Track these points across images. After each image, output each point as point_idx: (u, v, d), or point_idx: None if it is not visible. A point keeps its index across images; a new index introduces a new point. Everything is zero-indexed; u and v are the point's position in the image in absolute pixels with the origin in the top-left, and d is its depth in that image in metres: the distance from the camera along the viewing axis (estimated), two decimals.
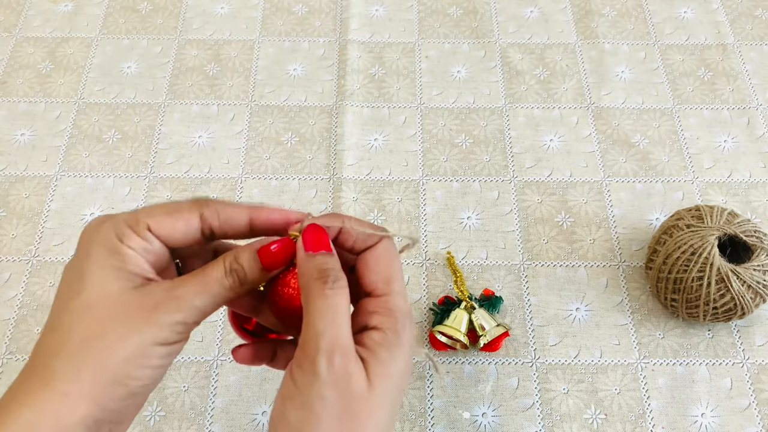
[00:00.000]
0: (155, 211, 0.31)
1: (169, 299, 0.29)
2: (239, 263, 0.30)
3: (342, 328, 0.28)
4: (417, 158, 0.65)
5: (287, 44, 0.73)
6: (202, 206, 0.31)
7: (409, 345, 0.30)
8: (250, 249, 0.31)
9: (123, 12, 0.76)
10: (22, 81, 0.70)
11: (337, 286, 0.29)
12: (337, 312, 0.28)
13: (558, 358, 0.54)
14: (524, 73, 0.71)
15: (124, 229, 0.30)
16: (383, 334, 0.29)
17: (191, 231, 0.31)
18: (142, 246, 0.30)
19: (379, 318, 0.30)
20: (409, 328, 0.30)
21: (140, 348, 0.28)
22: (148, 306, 0.29)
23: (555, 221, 0.61)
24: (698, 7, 0.77)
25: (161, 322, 0.28)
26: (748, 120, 0.68)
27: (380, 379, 0.28)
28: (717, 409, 0.52)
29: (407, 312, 0.31)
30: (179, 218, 0.31)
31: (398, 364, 0.29)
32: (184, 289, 0.29)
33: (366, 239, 0.32)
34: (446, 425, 0.51)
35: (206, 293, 0.30)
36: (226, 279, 0.30)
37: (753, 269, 0.51)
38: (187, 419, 0.51)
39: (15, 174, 0.64)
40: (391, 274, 0.31)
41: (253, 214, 0.32)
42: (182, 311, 0.29)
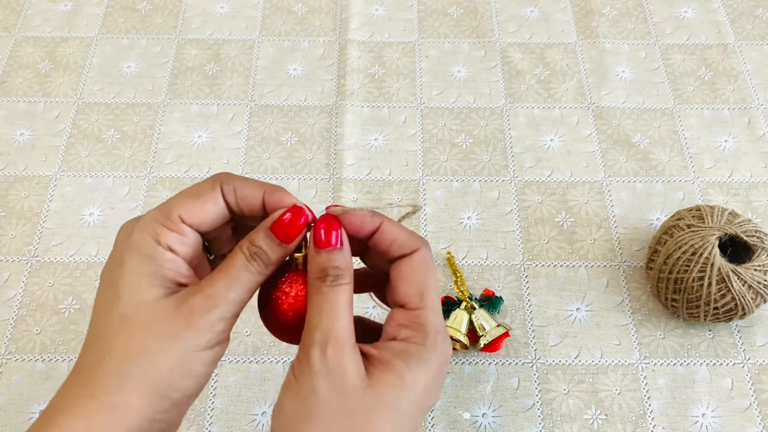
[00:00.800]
0: (181, 199, 0.30)
1: (203, 300, 0.29)
2: (257, 246, 0.30)
3: (337, 321, 0.28)
4: (417, 158, 0.65)
5: (287, 44, 0.73)
6: (222, 181, 0.31)
7: (439, 364, 0.29)
8: (263, 228, 0.30)
9: (122, 11, 0.76)
10: (22, 81, 0.70)
11: (337, 283, 0.29)
12: (333, 306, 0.29)
13: (558, 359, 0.54)
14: (524, 72, 0.71)
15: (158, 228, 0.29)
16: (406, 345, 0.29)
17: (220, 211, 0.31)
18: (179, 241, 0.30)
19: (407, 332, 0.29)
20: (441, 346, 0.29)
21: (184, 357, 0.28)
22: (184, 311, 0.28)
23: (555, 221, 0.61)
24: (699, 7, 0.76)
25: (200, 325, 0.28)
26: (749, 120, 0.68)
27: (384, 385, 0.27)
28: (718, 409, 0.52)
29: (440, 329, 0.30)
30: (207, 200, 0.30)
31: (415, 377, 0.28)
32: (214, 287, 0.29)
33: (404, 245, 0.31)
34: (446, 425, 0.51)
35: (237, 284, 0.29)
36: (250, 265, 0.30)
37: (754, 269, 0.51)
38: (186, 420, 0.51)
39: (14, 174, 0.64)
40: (426, 287, 0.30)
41: (267, 196, 0.31)
42: (218, 307, 0.29)
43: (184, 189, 0.31)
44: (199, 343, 0.28)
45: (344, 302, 0.29)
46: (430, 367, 0.28)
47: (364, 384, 0.27)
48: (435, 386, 0.29)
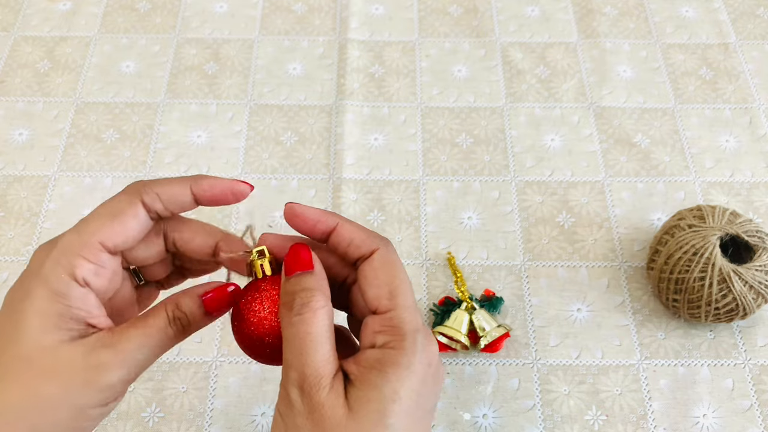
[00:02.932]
0: (97, 222, 0.28)
1: (111, 356, 0.27)
2: (182, 311, 0.29)
3: (309, 357, 0.26)
4: (417, 158, 0.65)
5: (286, 43, 0.73)
6: (140, 193, 0.29)
7: (423, 363, 0.27)
8: (192, 294, 0.29)
9: (121, 11, 0.75)
10: (20, 80, 0.70)
11: (305, 310, 0.27)
12: (303, 340, 0.27)
13: (559, 359, 0.54)
14: (525, 72, 0.71)
15: (75, 260, 0.27)
16: (381, 353, 0.27)
17: (143, 224, 0.29)
18: (95, 272, 0.28)
19: (383, 337, 0.28)
20: (422, 345, 0.27)
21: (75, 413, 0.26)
22: (89, 366, 0.27)
23: (556, 221, 0.61)
24: (700, 6, 0.76)
25: (102, 384, 0.27)
26: (750, 119, 0.68)
27: (363, 404, 0.26)
28: (719, 410, 0.52)
29: (418, 327, 0.28)
30: (126, 219, 0.29)
31: (394, 387, 0.26)
32: (126, 343, 0.27)
33: (361, 245, 0.29)
34: (447, 426, 0.51)
35: (149, 345, 0.28)
36: (170, 328, 0.29)
37: (755, 269, 0.51)
38: (186, 420, 0.51)
39: (13, 174, 0.63)
40: (394, 286, 0.28)
41: (195, 188, 0.30)
42: (125, 368, 0.27)
43: (97, 209, 0.29)
44: (96, 400, 0.27)
45: (316, 332, 0.27)
46: (412, 370, 0.27)
47: (345, 412, 0.26)
48: (426, 388, 0.27)
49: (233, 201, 0.31)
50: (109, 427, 0.50)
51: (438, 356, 0.28)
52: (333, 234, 0.30)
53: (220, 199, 0.31)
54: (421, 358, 0.27)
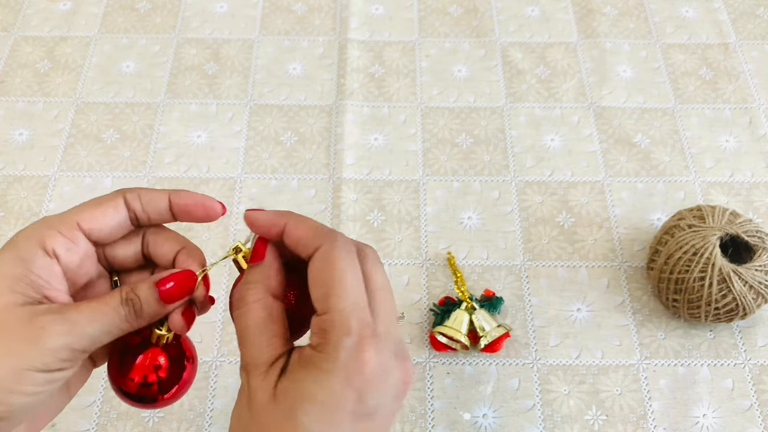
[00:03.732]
0: (82, 206, 0.30)
1: (57, 321, 0.27)
2: (136, 294, 0.30)
3: (245, 347, 0.29)
4: (417, 158, 0.65)
5: (286, 43, 0.73)
6: (123, 192, 0.31)
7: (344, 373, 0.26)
8: (149, 281, 0.30)
9: (121, 11, 0.75)
10: (20, 80, 0.70)
11: (240, 305, 0.29)
12: (240, 333, 0.29)
13: (559, 359, 0.54)
14: (525, 72, 0.71)
15: (49, 232, 0.29)
16: (311, 353, 0.27)
17: (121, 219, 0.31)
18: (65, 246, 0.29)
19: (315, 339, 0.28)
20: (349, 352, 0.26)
21: (12, 372, 0.26)
22: (32, 327, 0.27)
23: (556, 221, 0.61)
24: (699, 6, 0.76)
25: (44, 347, 0.27)
26: (750, 119, 0.68)
27: (283, 395, 0.27)
28: (719, 410, 0.52)
29: (349, 332, 0.27)
30: (107, 207, 0.30)
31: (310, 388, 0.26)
32: (76, 313, 0.28)
33: (307, 244, 0.29)
34: (446, 426, 0.51)
35: (100, 320, 0.28)
36: (121, 308, 0.29)
37: (755, 269, 0.51)
38: (185, 420, 0.51)
39: (13, 174, 0.63)
40: (330, 287, 0.27)
41: (173, 197, 0.31)
42: (70, 336, 0.27)
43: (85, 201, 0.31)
44: (35, 364, 0.27)
45: (250, 325, 0.29)
46: (332, 376, 0.26)
47: (269, 397, 0.27)
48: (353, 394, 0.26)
49: (204, 217, 0.32)
50: (109, 427, 0.50)
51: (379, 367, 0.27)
52: (284, 234, 0.30)
53: (192, 210, 0.32)
54: (345, 367, 0.26)
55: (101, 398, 0.52)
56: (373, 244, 0.59)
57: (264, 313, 0.29)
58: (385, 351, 0.28)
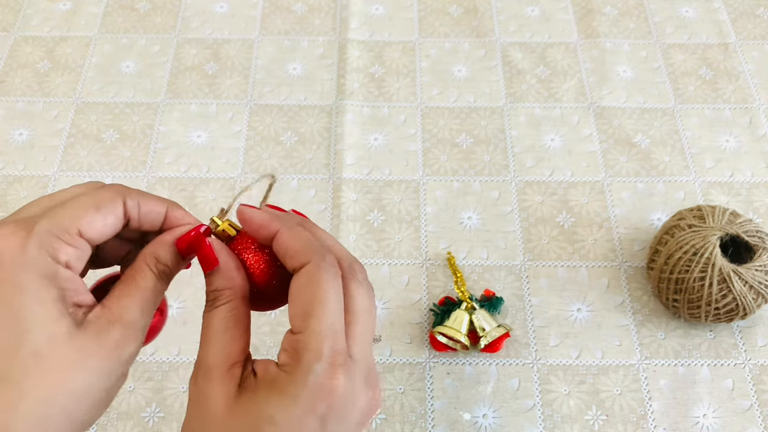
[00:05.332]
0: (80, 210, 0.27)
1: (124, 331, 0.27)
2: (163, 263, 0.29)
3: (208, 347, 0.28)
4: (417, 158, 0.65)
5: (286, 43, 0.73)
6: (123, 195, 0.29)
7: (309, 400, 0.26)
8: (164, 244, 0.29)
9: (121, 11, 0.75)
10: (20, 80, 0.70)
11: (208, 307, 0.29)
12: (205, 332, 0.28)
13: (559, 359, 0.54)
14: (525, 72, 0.71)
15: (56, 243, 0.26)
16: (278, 373, 0.27)
17: (118, 224, 0.29)
18: (75, 256, 0.27)
19: (284, 356, 0.27)
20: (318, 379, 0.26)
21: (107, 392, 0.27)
22: (109, 346, 0.26)
23: (556, 221, 0.61)
24: (699, 6, 0.76)
25: (124, 359, 0.27)
26: (750, 119, 0.68)
27: (242, 413, 0.26)
28: (719, 410, 0.52)
29: (320, 357, 0.26)
30: (107, 213, 0.28)
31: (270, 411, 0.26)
32: (128, 313, 0.27)
33: (295, 257, 0.28)
34: (447, 426, 0.51)
35: (147, 307, 0.28)
36: (159, 284, 0.29)
37: (755, 269, 0.51)
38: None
39: (13, 174, 0.63)
40: (311, 307, 0.27)
41: (170, 213, 0.30)
42: (136, 337, 0.27)
43: (78, 197, 0.28)
44: (122, 374, 0.27)
45: (215, 326, 0.28)
46: (296, 402, 0.26)
47: (225, 409, 0.26)
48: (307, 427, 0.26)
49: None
50: (109, 427, 0.50)
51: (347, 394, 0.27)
52: (273, 241, 0.29)
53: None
54: (311, 393, 0.26)
55: None
56: (373, 244, 0.59)
57: (229, 315, 0.28)
58: (356, 378, 0.27)
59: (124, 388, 0.52)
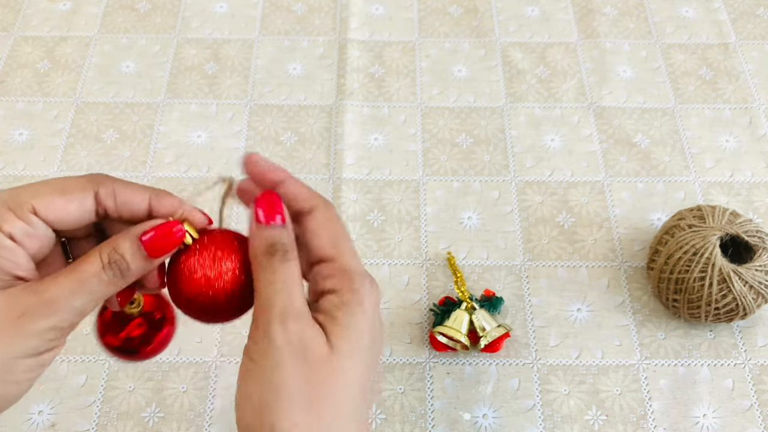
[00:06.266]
0: (43, 189, 0.27)
1: (39, 304, 0.26)
2: (119, 253, 0.27)
3: (294, 295, 0.27)
4: (417, 158, 0.65)
5: (286, 43, 0.73)
6: (96, 184, 0.28)
7: (372, 304, 0.28)
8: (131, 236, 0.28)
9: (121, 11, 0.75)
10: (20, 80, 0.70)
11: (287, 258, 0.28)
12: (287, 281, 0.28)
13: (559, 359, 0.54)
14: (525, 72, 0.71)
15: (3, 212, 0.26)
16: (340, 295, 0.28)
17: (85, 213, 0.28)
18: (24, 231, 0.26)
19: (333, 281, 0.28)
20: (369, 287, 0.29)
21: (4, 364, 0.25)
22: (12, 313, 0.25)
23: (556, 221, 0.61)
24: (699, 6, 0.76)
25: (28, 331, 0.25)
26: (750, 119, 0.68)
27: (342, 341, 0.27)
28: (719, 410, 0.52)
29: (362, 271, 0.29)
30: (71, 199, 0.27)
31: (359, 323, 0.28)
32: (56, 289, 0.26)
33: (303, 201, 0.30)
34: (447, 426, 0.51)
35: (83, 291, 0.26)
36: (104, 273, 0.27)
37: (755, 269, 0.51)
38: (185, 420, 0.51)
39: (13, 174, 0.63)
40: (337, 236, 0.30)
41: (155, 203, 0.29)
42: (55, 315, 0.26)
43: (51, 179, 0.28)
44: (24, 350, 0.25)
45: (297, 276, 0.28)
46: (367, 310, 0.28)
47: (328, 349, 0.27)
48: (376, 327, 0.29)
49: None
50: (109, 427, 0.50)
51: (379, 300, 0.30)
52: (282, 186, 0.31)
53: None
54: (371, 298, 0.28)
55: (101, 398, 0.52)
56: (373, 244, 0.59)
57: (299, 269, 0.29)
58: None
59: (124, 388, 0.52)
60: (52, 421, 0.51)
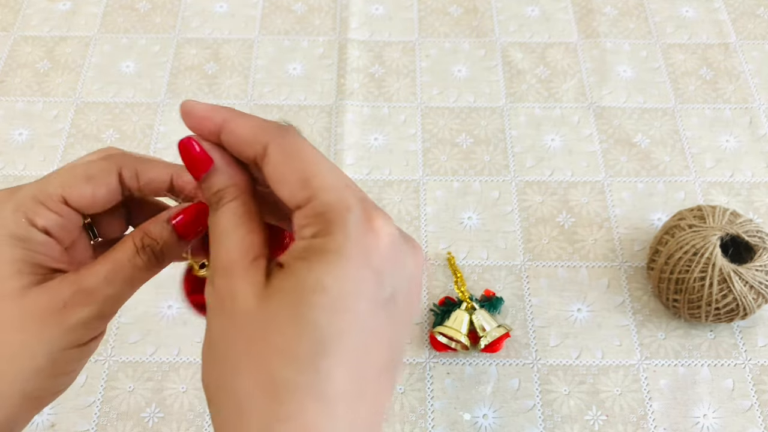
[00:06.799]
0: (69, 179, 0.27)
1: (79, 294, 0.26)
2: (152, 237, 0.27)
3: (220, 246, 0.24)
4: (417, 158, 0.65)
5: (286, 43, 0.73)
6: (119, 165, 0.28)
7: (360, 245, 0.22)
8: (161, 221, 0.27)
9: (121, 11, 0.75)
10: (20, 80, 0.70)
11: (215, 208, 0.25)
12: (216, 233, 0.24)
13: (559, 359, 0.54)
14: (525, 72, 0.71)
15: (36, 207, 0.26)
16: (308, 242, 0.22)
17: (112, 196, 0.28)
18: (57, 223, 0.26)
19: (309, 229, 0.23)
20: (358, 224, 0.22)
21: (51, 358, 0.25)
22: (54, 306, 0.25)
23: (556, 221, 0.61)
24: (700, 6, 0.76)
25: (72, 322, 0.25)
26: (750, 119, 0.67)
27: (277, 295, 0.22)
28: (719, 410, 0.52)
29: (349, 206, 0.22)
30: (99, 185, 0.27)
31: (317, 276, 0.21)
32: (93, 278, 0.26)
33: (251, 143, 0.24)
34: (447, 427, 0.51)
35: (119, 279, 0.26)
36: (139, 258, 0.27)
37: (755, 269, 0.51)
38: (185, 421, 0.51)
39: (13, 174, 0.63)
40: (306, 172, 0.23)
41: (177, 180, 0.29)
42: (95, 303, 0.26)
43: (72, 164, 0.28)
44: (71, 341, 0.26)
45: (226, 223, 0.24)
46: (343, 255, 0.21)
47: (256, 302, 0.22)
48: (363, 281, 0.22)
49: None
50: (109, 427, 0.50)
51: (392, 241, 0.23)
52: (222, 133, 0.25)
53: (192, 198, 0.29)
54: (356, 243, 0.22)
55: (101, 398, 0.52)
56: None
57: (240, 211, 0.24)
58: (393, 226, 0.23)
59: (124, 389, 0.52)
60: (51, 421, 0.51)
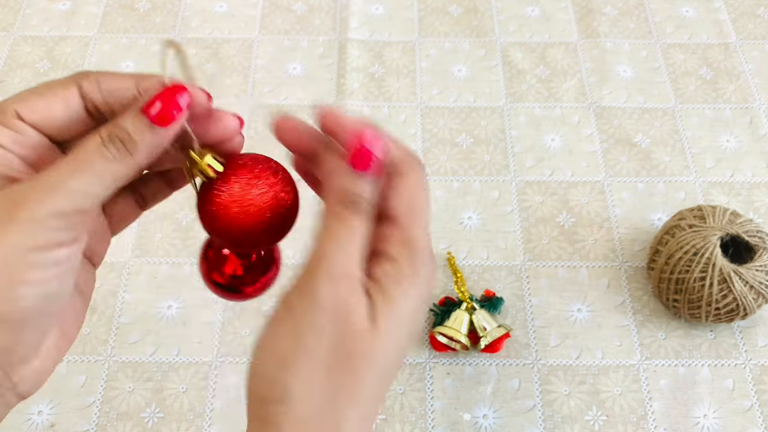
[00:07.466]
0: (25, 94, 0.26)
1: (32, 190, 0.23)
2: (120, 126, 0.25)
3: (353, 257, 0.25)
4: None
5: (286, 43, 0.73)
6: (80, 79, 0.26)
7: (426, 284, 0.26)
8: (131, 109, 0.25)
9: (121, 11, 0.75)
10: (20, 80, 0.69)
11: (362, 216, 0.26)
12: (351, 239, 0.25)
13: (559, 360, 0.54)
14: (525, 72, 0.71)
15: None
16: (398, 267, 0.26)
17: (73, 111, 0.26)
18: (12, 138, 0.25)
19: (396, 247, 0.26)
20: (429, 266, 0.27)
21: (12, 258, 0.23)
22: (7, 205, 0.23)
23: (556, 221, 0.61)
24: (700, 6, 0.76)
25: (23, 219, 0.23)
26: (751, 119, 0.67)
27: (385, 320, 0.25)
28: (719, 410, 0.52)
29: (427, 248, 0.27)
30: (54, 98, 0.26)
31: (409, 302, 0.26)
32: (54, 172, 0.24)
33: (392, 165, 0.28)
34: (447, 427, 0.51)
35: (84, 170, 0.24)
36: (106, 150, 0.24)
37: (755, 269, 0.51)
38: (185, 421, 0.51)
39: None
40: (416, 203, 0.27)
41: (141, 83, 0.27)
42: (52, 198, 0.23)
43: (30, 88, 0.27)
44: (28, 242, 0.23)
45: (363, 237, 0.26)
46: (421, 290, 0.26)
47: (369, 324, 0.25)
48: (423, 308, 0.27)
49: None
50: (109, 427, 0.50)
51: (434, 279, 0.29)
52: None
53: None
54: (426, 279, 0.27)
55: (101, 398, 0.52)
56: None
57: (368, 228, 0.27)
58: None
59: (124, 389, 0.52)
60: (51, 421, 0.50)
